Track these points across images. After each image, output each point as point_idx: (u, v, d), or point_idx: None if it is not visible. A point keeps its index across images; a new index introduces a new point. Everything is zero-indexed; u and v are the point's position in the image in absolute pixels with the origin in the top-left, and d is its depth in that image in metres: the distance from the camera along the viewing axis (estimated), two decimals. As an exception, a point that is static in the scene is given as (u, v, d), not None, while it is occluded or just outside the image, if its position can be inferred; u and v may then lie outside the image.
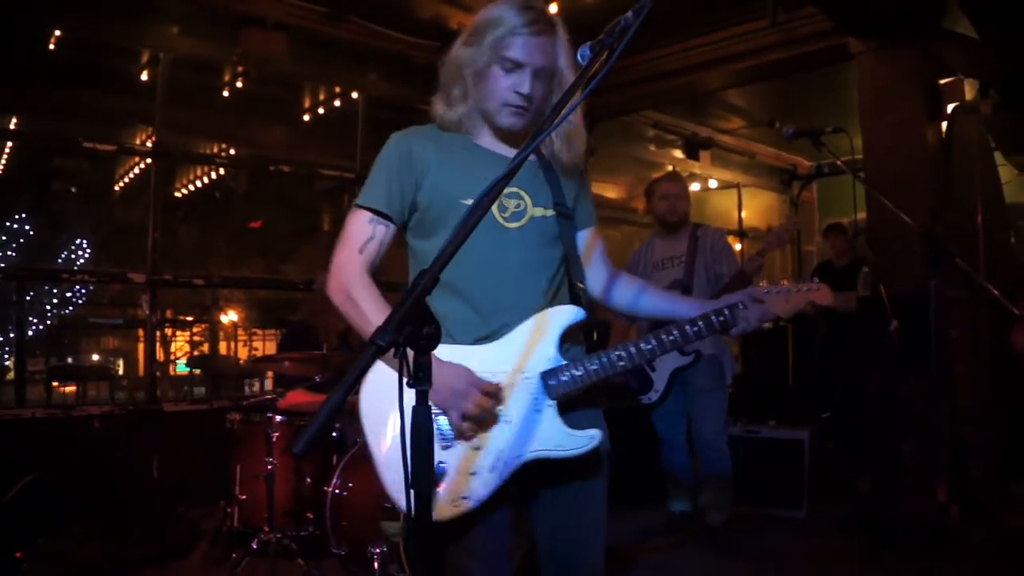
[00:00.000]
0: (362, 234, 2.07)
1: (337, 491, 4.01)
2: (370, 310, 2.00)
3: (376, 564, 3.72)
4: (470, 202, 1.99)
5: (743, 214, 10.85)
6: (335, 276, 2.06)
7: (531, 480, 2.06)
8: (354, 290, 2.02)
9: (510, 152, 2.14)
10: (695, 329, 2.09)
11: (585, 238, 2.31)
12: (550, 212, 2.15)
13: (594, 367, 2.03)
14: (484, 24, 2.05)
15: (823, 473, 5.92)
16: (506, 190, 1.98)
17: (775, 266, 10.84)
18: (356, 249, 2.06)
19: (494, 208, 2.06)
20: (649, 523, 5.49)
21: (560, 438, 2.01)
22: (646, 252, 5.37)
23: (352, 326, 2.04)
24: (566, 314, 2.09)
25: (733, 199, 10.88)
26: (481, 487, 1.95)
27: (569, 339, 2.10)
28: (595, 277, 2.33)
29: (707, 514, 5.04)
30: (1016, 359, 4.37)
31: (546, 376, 2.02)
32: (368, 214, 2.08)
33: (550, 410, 2.01)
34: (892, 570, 4.50)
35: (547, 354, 2.04)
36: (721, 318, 2.10)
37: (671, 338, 2.08)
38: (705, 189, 10.51)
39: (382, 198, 2.08)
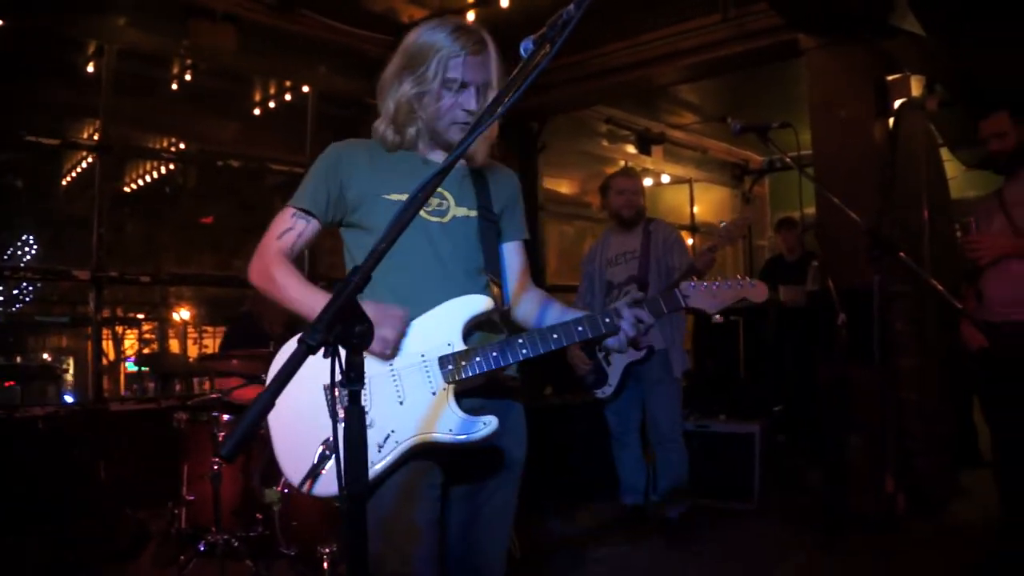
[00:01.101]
0: (282, 225, 2.20)
1: (286, 491, 3.96)
2: (291, 285, 2.11)
3: (326, 564, 3.70)
4: (394, 197, 2.15)
5: (695, 209, 10.91)
6: (254, 261, 2.18)
7: (445, 475, 2.11)
8: (273, 270, 2.13)
9: (426, 154, 2.29)
10: (554, 337, 2.09)
11: (510, 250, 2.40)
12: (473, 213, 2.26)
13: (494, 354, 2.06)
14: (420, 49, 2.17)
15: (774, 466, 5.99)
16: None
17: (727, 260, 10.93)
18: (274, 236, 2.18)
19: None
20: (602, 516, 5.53)
21: (452, 422, 2.02)
22: (601, 247, 5.41)
23: (280, 305, 2.14)
24: (472, 303, 2.12)
25: (685, 194, 10.94)
26: (370, 466, 1.96)
27: (478, 329, 2.17)
28: (512, 289, 2.38)
29: (664, 507, 5.11)
30: (963, 353, 4.45)
31: (443, 360, 2.05)
32: (291, 210, 2.22)
33: (444, 394, 2.04)
34: (842, 560, 4.57)
35: (448, 340, 2.08)
36: (580, 328, 2.11)
37: (554, 336, 2.09)
38: (658, 184, 10.55)
39: (306, 197, 2.21)
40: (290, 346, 2.08)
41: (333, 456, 1.92)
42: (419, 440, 2.01)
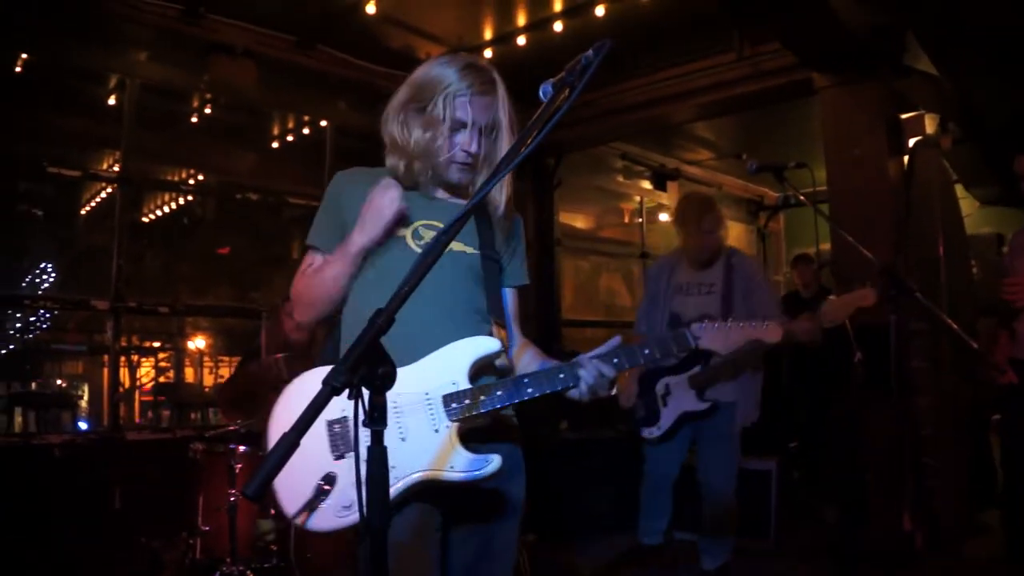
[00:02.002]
0: (303, 266, 2.27)
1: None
2: (319, 273, 2.19)
3: (339, 597, 3.69)
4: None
5: (711, 244, 10.87)
6: (295, 301, 2.25)
7: (445, 517, 2.09)
8: (302, 289, 2.22)
9: (430, 191, 2.27)
10: (561, 376, 2.07)
11: (510, 295, 2.37)
12: (471, 250, 2.23)
13: (499, 392, 2.03)
14: (428, 83, 2.16)
15: (790, 502, 5.94)
16: (425, 222, 2.18)
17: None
18: (300, 276, 2.25)
19: (409, 238, 2.17)
20: (616, 551, 5.50)
21: (455, 459, 1.98)
22: (670, 269, 4.89)
23: (332, 299, 2.18)
24: (480, 345, 2.10)
25: (701, 229, 10.90)
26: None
27: (484, 371, 2.13)
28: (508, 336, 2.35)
29: (702, 556, 4.74)
30: (983, 389, 4.42)
31: (448, 399, 2.03)
32: (310, 249, 2.28)
33: (447, 431, 2.01)
34: (858, 599, 4.53)
35: (453, 379, 2.05)
36: (562, 375, 2.07)
37: (561, 376, 2.07)
38: (673, 219, 10.57)
39: (319, 235, 2.26)
40: (296, 386, 2.11)
41: (331, 491, 1.92)
42: (422, 477, 1.97)
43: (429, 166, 2.19)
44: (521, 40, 6.13)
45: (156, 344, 14.90)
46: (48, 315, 14.33)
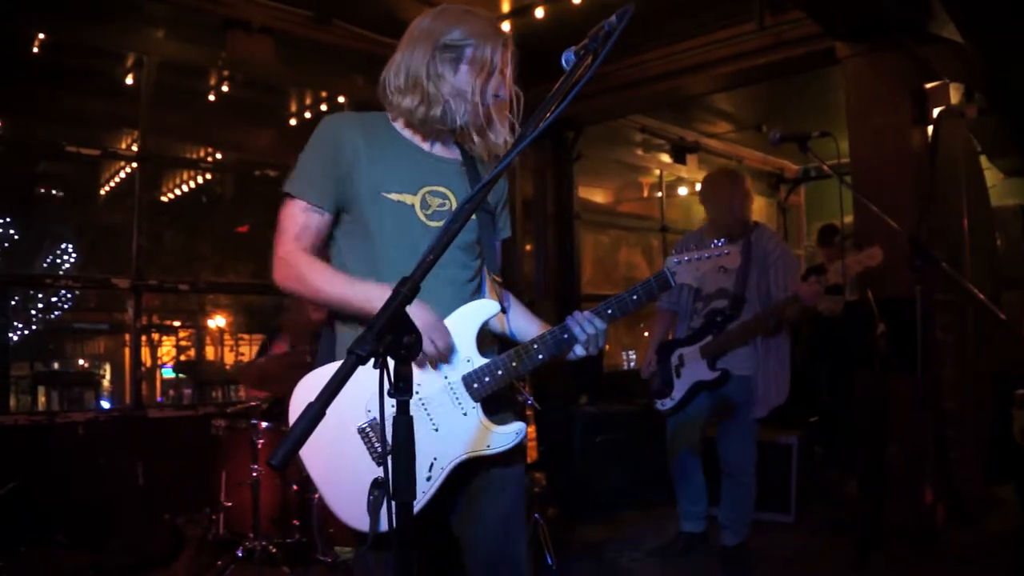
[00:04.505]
0: (297, 223, 2.11)
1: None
2: (327, 280, 2.06)
3: (362, 571, 3.70)
4: (394, 196, 2.08)
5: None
6: (280, 267, 2.09)
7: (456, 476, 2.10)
8: (303, 271, 2.06)
9: (425, 144, 2.21)
10: (564, 338, 2.12)
11: (498, 248, 2.35)
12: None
13: (514, 364, 2.07)
14: (456, 30, 2.12)
15: (811, 477, 5.92)
16: (431, 188, 2.12)
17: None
18: (293, 237, 2.09)
19: (417, 206, 2.11)
20: (637, 525, 5.50)
21: (489, 437, 2.06)
22: (696, 246, 4.78)
23: (318, 303, 2.12)
24: (480, 310, 2.12)
25: (720, 203, 10.85)
26: (419, 496, 1.95)
27: (486, 335, 2.15)
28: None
29: (722, 531, 4.72)
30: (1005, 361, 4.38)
31: (468, 380, 2.06)
32: (302, 203, 2.10)
33: (476, 412, 2.06)
34: (880, 573, 4.51)
35: (466, 355, 2.07)
36: (565, 335, 2.12)
37: (564, 337, 2.12)
38: (692, 193, 10.49)
39: (315, 192, 2.11)
40: (311, 380, 2.08)
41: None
42: (462, 460, 2.04)
43: (453, 112, 2.12)
44: (539, 12, 6.07)
45: (177, 323, 15.01)
46: (69, 295, 14.46)
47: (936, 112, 5.65)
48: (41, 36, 5.79)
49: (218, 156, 9.50)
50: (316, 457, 2.02)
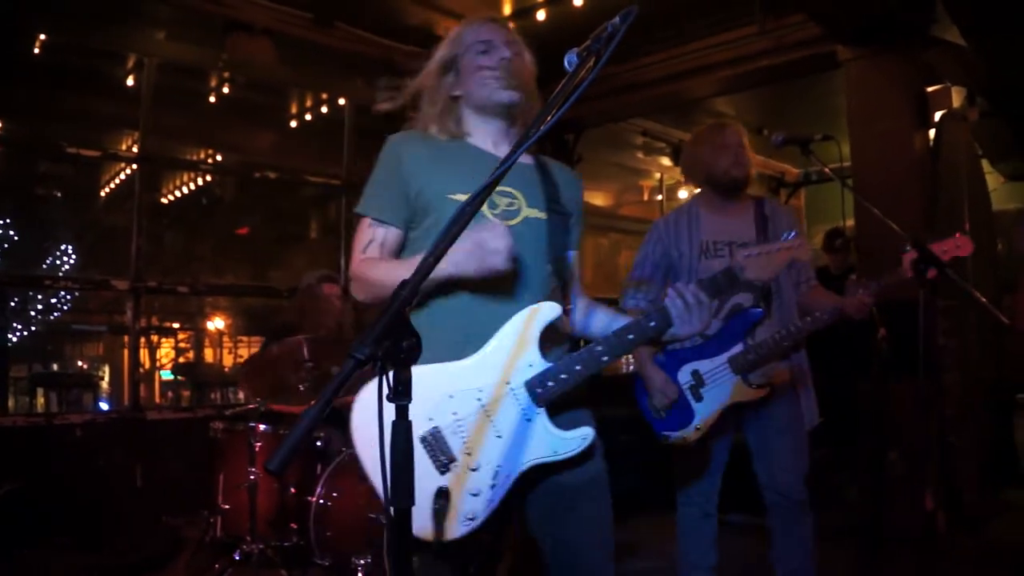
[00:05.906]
0: (364, 239, 2.16)
1: (321, 501, 3.97)
2: (387, 272, 2.03)
3: (360, 575, 3.69)
4: (459, 197, 2.06)
5: (731, 221, 10.80)
6: (353, 284, 2.13)
7: (524, 482, 2.04)
8: (368, 273, 2.08)
9: (502, 153, 2.17)
10: (630, 338, 2.06)
11: (572, 256, 2.33)
12: (543, 215, 2.19)
13: (578, 367, 2.01)
14: (450, 45, 2.25)
15: (812, 481, 5.89)
16: (498, 188, 2.05)
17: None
18: (360, 251, 2.15)
19: (484, 206, 2.06)
20: (639, 530, 5.48)
21: (555, 443, 2.00)
22: (688, 227, 3.69)
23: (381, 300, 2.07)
24: (543, 313, 2.04)
25: (721, 206, 10.83)
26: (485, 505, 1.94)
27: (550, 338, 2.07)
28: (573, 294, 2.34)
29: (775, 565, 3.70)
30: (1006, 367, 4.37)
31: (531, 385, 2.00)
32: (367, 220, 2.17)
33: (540, 417, 2.00)
34: (881, 578, 4.50)
35: (528, 360, 2.01)
36: (652, 323, 2.06)
37: (630, 337, 2.06)
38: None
39: (377, 206, 2.16)
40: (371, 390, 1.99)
41: (448, 505, 1.90)
42: (527, 467, 1.99)
43: (471, 106, 2.22)
44: (541, 15, 6.07)
45: (176, 325, 14.99)
46: (69, 296, 14.42)
47: (938, 116, 5.64)
48: (42, 37, 5.79)
49: (218, 158, 9.49)
50: (371, 450, 1.96)
